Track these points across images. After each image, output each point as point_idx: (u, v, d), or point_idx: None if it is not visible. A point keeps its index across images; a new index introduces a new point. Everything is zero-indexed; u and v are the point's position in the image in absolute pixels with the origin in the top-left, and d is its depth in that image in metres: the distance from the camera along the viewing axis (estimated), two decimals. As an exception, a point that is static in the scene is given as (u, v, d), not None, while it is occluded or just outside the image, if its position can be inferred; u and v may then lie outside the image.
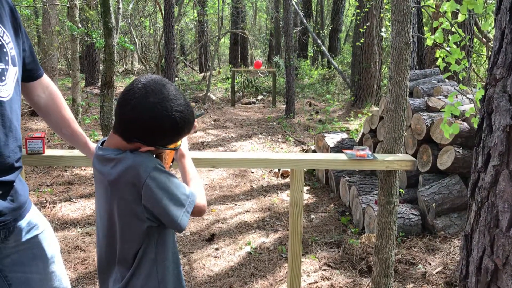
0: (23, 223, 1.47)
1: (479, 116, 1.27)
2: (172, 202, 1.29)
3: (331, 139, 5.20)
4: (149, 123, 1.26)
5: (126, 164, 1.28)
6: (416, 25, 7.26)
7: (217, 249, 3.55)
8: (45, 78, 1.66)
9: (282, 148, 6.85)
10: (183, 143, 1.57)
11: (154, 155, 1.40)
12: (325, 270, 3.20)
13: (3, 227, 1.39)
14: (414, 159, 2.11)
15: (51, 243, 1.59)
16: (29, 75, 1.56)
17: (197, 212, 1.38)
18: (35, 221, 1.53)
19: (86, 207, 4.29)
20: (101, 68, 12.80)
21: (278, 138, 7.48)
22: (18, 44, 1.46)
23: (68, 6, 6.72)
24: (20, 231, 1.47)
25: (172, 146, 1.38)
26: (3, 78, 1.36)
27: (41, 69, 1.63)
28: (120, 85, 13.04)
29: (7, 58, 1.38)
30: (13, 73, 1.41)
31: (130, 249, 1.34)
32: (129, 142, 1.31)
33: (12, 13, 1.47)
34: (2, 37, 1.37)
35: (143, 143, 1.30)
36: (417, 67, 7.30)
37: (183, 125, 1.32)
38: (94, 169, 1.41)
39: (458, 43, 2.84)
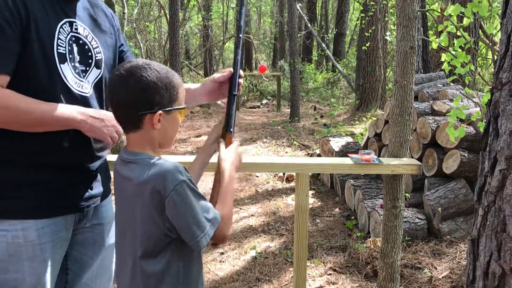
0: (95, 209, 1.60)
1: (485, 120, 1.27)
2: (193, 221, 1.25)
3: (336, 143, 5.19)
4: (139, 88, 1.27)
5: (155, 170, 1.25)
6: (421, 29, 7.25)
7: (222, 253, 3.54)
8: None
9: (286, 152, 6.84)
10: (229, 164, 1.44)
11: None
12: (330, 274, 3.19)
13: (80, 211, 1.52)
14: (419, 163, 2.11)
15: (112, 235, 1.68)
16: None
17: (217, 239, 1.31)
18: (105, 211, 1.66)
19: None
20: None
21: (283, 142, 7.47)
22: (109, 48, 1.62)
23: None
24: (92, 216, 1.60)
25: (177, 105, 1.35)
26: (83, 77, 1.51)
27: None
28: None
29: (90, 60, 1.54)
30: (95, 74, 1.56)
31: (147, 262, 1.29)
32: (141, 126, 1.30)
33: (110, 20, 1.66)
34: (90, 42, 1.54)
35: (150, 112, 1.28)
36: (422, 70, 7.28)
37: (167, 74, 1.32)
38: (117, 175, 1.38)
39: (463, 46, 2.84)
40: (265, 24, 24.40)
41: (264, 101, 12.32)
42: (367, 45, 9.31)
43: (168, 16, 10.91)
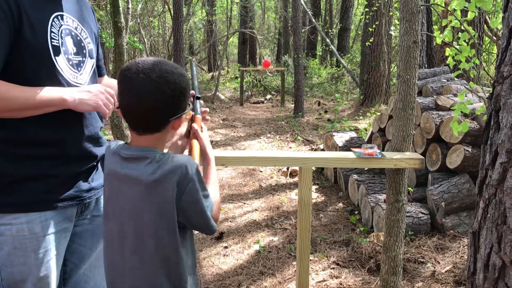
0: (95, 201, 1.64)
1: (487, 114, 1.27)
2: (204, 202, 1.29)
3: (340, 138, 5.19)
4: (171, 95, 1.26)
5: (172, 165, 1.24)
6: (426, 24, 7.22)
7: (226, 247, 3.57)
8: (107, 77, 1.87)
9: (290, 147, 6.85)
10: (208, 144, 1.53)
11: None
12: (333, 268, 3.21)
13: (79, 202, 1.55)
14: (422, 157, 2.12)
15: None
16: (97, 70, 1.75)
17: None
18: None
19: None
20: (110, 68, 12.90)
21: (287, 138, 7.48)
22: (93, 40, 1.67)
23: (78, 6, 6.77)
24: (91, 208, 1.63)
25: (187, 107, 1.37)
26: (79, 68, 1.55)
27: (104, 68, 1.84)
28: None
29: (84, 51, 1.58)
30: (90, 64, 1.62)
31: (162, 257, 1.28)
32: (162, 130, 1.30)
33: (93, 14, 1.72)
34: (80, 33, 1.57)
35: (174, 118, 1.29)
36: (426, 65, 7.26)
37: (186, 76, 1.33)
38: (112, 172, 1.33)
39: (467, 41, 2.83)
40: (269, 19, 24.34)
41: (268, 96, 12.32)
42: (371, 40, 9.29)
43: (172, 11, 10.91)
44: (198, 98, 1.64)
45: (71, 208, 1.52)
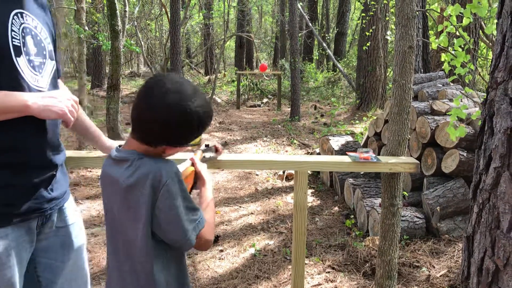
0: (58, 212, 1.56)
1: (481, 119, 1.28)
2: (185, 213, 1.23)
3: (336, 142, 5.21)
4: (175, 123, 1.23)
5: (147, 168, 1.22)
6: (422, 29, 7.25)
7: (221, 250, 3.56)
8: (61, 82, 1.76)
9: (286, 151, 6.86)
10: (204, 170, 1.51)
11: None
12: (329, 272, 3.21)
13: (41, 214, 1.46)
14: (417, 161, 2.13)
15: (79, 235, 1.65)
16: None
17: (200, 243, 1.30)
18: (68, 212, 1.61)
19: (92, 209, 4.32)
20: (107, 71, 12.89)
21: (283, 141, 7.49)
22: (53, 41, 1.57)
23: (75, 9, 6.79)
24: (55, 219, 1.54)
25: (194, 142, 1.34)
26: (40, 70, 1.45)
27: (61, 70, 1.74)
28: (125, 88, 13.13)
29: (44, 52, 1.47)
30: (51, 66, 1.51)
31: (138, 266, 1.27)
32: (154, 146, 1.27)
33: (50, 14, 1.60)
34: (40, 33, 1.47)
35: (169, 145, 1.27)
36: (422, 70, 7.29)
37: (207, 119, 1.29)
38: (105, 175, 1.34)
39: (463, 46, 2.85)
40: (266, 23, 24.40)
41: (265, 100, 12.34)
42: (368, 44, 9.33)
43: (169, 15, 10.92)
44: (205, 149, 1.75)
45: (32, 220, 1.44)
